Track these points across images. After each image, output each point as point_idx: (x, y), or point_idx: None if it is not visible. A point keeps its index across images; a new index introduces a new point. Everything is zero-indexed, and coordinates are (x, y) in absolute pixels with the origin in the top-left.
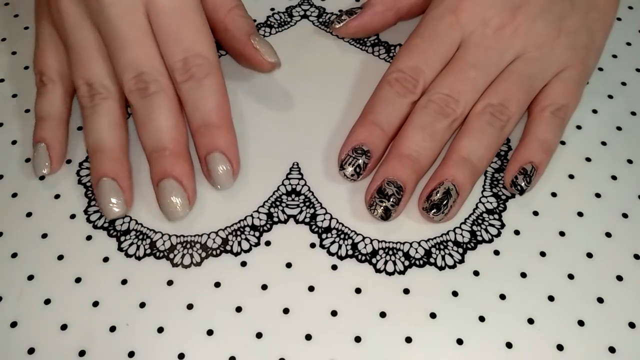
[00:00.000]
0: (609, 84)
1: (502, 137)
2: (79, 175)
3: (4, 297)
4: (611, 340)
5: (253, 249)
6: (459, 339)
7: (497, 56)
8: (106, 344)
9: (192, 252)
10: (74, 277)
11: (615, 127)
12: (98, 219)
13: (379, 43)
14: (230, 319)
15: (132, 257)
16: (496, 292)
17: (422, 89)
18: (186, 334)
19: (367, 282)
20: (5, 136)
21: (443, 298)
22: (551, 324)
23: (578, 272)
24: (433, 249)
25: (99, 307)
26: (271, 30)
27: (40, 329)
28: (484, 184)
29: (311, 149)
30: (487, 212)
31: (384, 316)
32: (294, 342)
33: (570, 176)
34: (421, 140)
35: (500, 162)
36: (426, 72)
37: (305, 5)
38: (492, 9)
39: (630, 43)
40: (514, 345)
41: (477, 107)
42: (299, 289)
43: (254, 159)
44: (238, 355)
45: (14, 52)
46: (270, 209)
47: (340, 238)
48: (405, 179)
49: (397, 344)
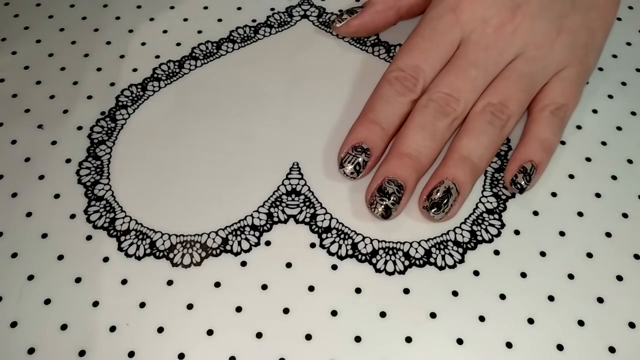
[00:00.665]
0: (609, 84)
1: (503, 136)
2: (79, 175)
3: (4, 297)
4: (611, 340)
5: (253, 249)
6: (459, 339)
7: (497, 55)
8: (106, 344)
9: (192, 252)
10: (74, 277)
11: (615, 127)
12: (98, 219)
13: (379, 43)
14: (230, 319)
15: (132, 257)
16: (496, 292)
17: (422, 88)
18: (186, 334)
19: (367, 282)
20: (5, 136)
21: (443, 298)
22: (551, 324)
23: (578, 272)
24: (433, 249)
25: (99, 307)
26: (271, 30)
27: (40, 329)
28: (484, 184)
29: (311, 149)
30: (487, 212)
31: (384, 316)
32: (294, 342)
33: (570, 176)
34: (421, 139)
35: (500, 162)
36: (426, 70)
37: (305, 5)
38: (492, 8)
39: (630, 43)
40: (514, 345)
41: (477, 107)
42: (299, 289)
43: (254, 159)
44: (238, 355)
45: (14, 52)
46: (270, 209)
47: (340, 238)
48: (405, 177)
49: (397, 344)
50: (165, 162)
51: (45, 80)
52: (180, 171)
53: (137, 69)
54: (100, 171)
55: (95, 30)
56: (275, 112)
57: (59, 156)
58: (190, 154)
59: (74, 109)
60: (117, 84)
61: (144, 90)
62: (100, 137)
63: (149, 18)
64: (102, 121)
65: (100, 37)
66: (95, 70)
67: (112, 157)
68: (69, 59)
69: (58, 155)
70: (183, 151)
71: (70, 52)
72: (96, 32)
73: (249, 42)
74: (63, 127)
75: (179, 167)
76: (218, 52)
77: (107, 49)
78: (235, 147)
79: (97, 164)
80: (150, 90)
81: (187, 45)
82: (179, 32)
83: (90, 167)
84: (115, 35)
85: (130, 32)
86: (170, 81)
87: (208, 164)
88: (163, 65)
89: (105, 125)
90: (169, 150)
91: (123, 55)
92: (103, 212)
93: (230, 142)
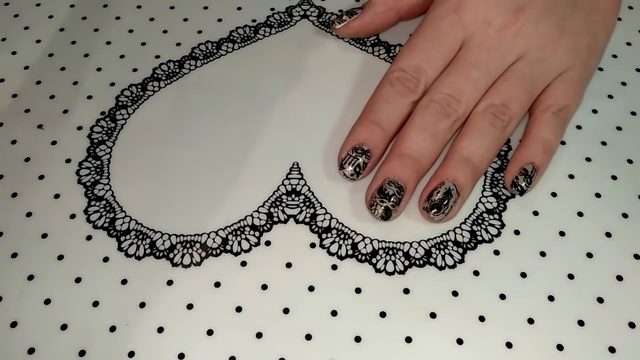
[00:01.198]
0: (609, 84)
1: (504, 137)
2: (79, 175)
3: (4, 297)
4: (611, 340)
5: (253, 248)
6: (459, 338)
7: (500, 56)
8: (106, 344)
9: (192, 252)
10: (74, 277)
11: (615, 127)
12: (98, 219)
13: (379, 43)
14: (230, 319)
15: (132, 257)
16: (496, 292)
17: (423, 89)
18: (186, 334)
19: (367, 282)
20: (5, 136)
21: (443, 298)
22: (551, 324)
23: (578, 272)
24: (433, 249)
25: (99, 307)
26: (271, 30)
27: (40, 329)
28: (484, 184)
29: (311, 149)
30: (487, 212)
31: (384, 316)
32: (294, 342)
33: (570, 176)
34: (422, 140)
35: (501, 162)
36: (428, 71)
37: (305, 5)
38: (495, 9)
39: (630, 43)
40: (514, 345)
41: (478, 108)
42: (299, 289)
43: (254, 159)
44: (238, 355)
45: (13, 52)
46: (270, 209)
47: (340, 238)
48: (406, 179)
49: (397, 344)
50: (165, 162)
51: (45, 80)
52: (180, 171)
53: (137, 69)
54: (100, 171)
55: (95, 30)
56: (275, 112)
57: (59, 156)
58: (190, 154)
59: (74, 109)
60: (117, 84)
61: (144, 90)
62: (100, 137)
63: (149, 18)
64: (102, 121)
65: (100, 37)
66: (95, 70)
67: (112, 157)
68: (69, 59)
69: (58, 155)
70: (183, 151)
71: (70, 52)
72: (96, 32)
73: (249, 42)
74: (63, 127)
75: (179, 167)
76: (218, 52)
77: (107, 49)
78: (235, 147)
79: (97, 164)
80: (150, 90)
81: (187, 45)
82: (179, 32)
83: (90, 167)
84: (115, 35)
85: (130, 32)
86: (170, 81)
87: (208, 164)
88: (163, 65)
89: (105, 125)
90: (169, 150)
91: (123, 55)
92: (103, 212)
93: (230, 142)
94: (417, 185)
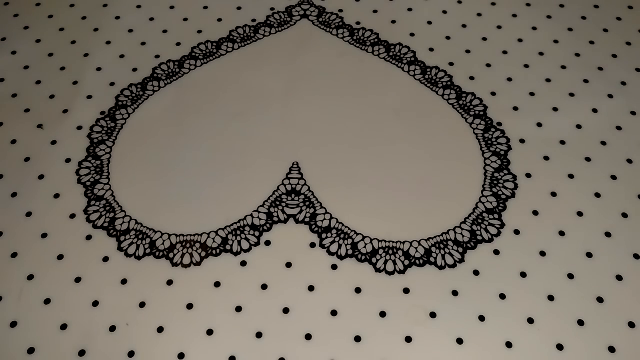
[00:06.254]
0: (609, 84)
1: None
2: (79, 175)
3: (4, 297)
4: (611, 340)
5: (253, 248)
6: (459, 338)
7: None
8: (106, 344)
9: (192, 252)
10: (74, 277)
11: (615, 127)
12: (98, 218)
13: (379, 43)
14: (230, 319)
15: (132, 256)
16: (496, 292)
17: None
18: (186, 334)
19: (367, 282)
20: (5, 136)
21: (443, 298)
22: (551, 324)
23: (578, 272)
24: (433, 249)
25: (99, 307)
26: (271, 30)
27: (40, 329)
28: (484, 184)
29: (311, 149)
30: (487, 212)
31: (384, 316)
32: (294, 342)
33: (570, 176)
34: None
35: (500, 162)
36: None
37: (305, 5)
38: None
39: (630, 43)
40: (514, 345)
41: None
42: (299, 289)
43: (254, 159)
44: (238, 355)
45: (13, 52)
46: (270, 209)
47: (340, 238)
48: None
49: (397, 344)
50: (165, 162)
51: (45, 80)
52: (180, 171)
53: (137, 69)
54: (100, 171)
55: (95, 30)
56: (275, 112)
57: (59, 156)
58: (190, 154)
59: (74, 109)
60: (117, 84)
61: (144, 90)
62: (100, 137)
63: (149, 18)
64: (102, 121)
65: (100, 37)
66: (95, 70)
67: (112, 157)
68: (69, 59)
69: (58, 155)
70: (183, 151)
71: (70, 52)
72: (96, 32)
73: (249, 42)
74: (63, 127)
75: (179, 167)
76: (218, 52)
77: (107, 49)
78: (235, 147)
79: (97, 163)
80: (150, 90)
81: (187, 45)
82: (179, 32)
83: (90, 167)
84: (115, 35)
85: (130, 32)
86: (170, 81)
87: (208, 163)
88: (163, 65)
89: (105, 125)
90: (169, 150)
91: (123, 55)
92: (103, 212)
93: (230, 142)
94: None
